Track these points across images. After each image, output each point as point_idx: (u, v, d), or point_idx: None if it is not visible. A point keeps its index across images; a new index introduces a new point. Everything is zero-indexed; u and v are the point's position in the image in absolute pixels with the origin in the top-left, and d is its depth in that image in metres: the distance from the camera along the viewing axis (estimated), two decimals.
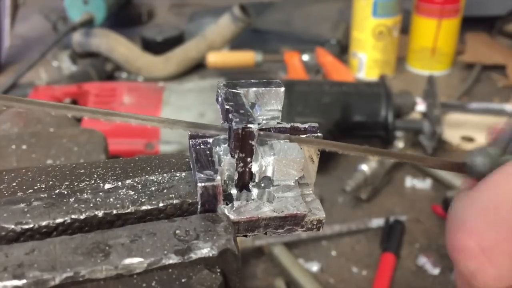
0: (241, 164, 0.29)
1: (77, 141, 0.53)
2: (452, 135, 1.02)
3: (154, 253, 0.26)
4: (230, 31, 1.30)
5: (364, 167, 0.87)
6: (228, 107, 0.29)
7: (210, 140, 0.31)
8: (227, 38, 1.31)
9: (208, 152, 0.30)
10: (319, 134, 0.32)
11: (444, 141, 1.00)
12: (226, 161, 0.29)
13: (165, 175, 0.31)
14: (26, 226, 0.27)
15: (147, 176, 0.31)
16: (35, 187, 0.30)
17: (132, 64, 1.26)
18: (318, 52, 1.27)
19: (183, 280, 0.26)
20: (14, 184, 0.30)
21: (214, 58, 1.27)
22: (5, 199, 0.28)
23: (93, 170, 0.32)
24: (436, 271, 0.74)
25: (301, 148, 0.30)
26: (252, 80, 0.32)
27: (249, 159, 0.29)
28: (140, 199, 0.29)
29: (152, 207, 0.29)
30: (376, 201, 0.88)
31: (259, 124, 0.29)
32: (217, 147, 0.31)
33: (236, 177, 0.30)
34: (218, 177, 0.28)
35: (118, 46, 1.27)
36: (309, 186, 0.32)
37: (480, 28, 1.45)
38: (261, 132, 0.30)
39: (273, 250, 0.75)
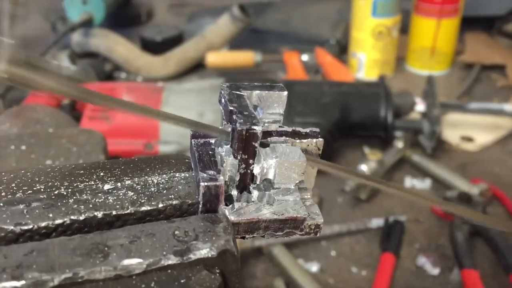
0: (243, 166, 0.29)
1: (76, 142, 0.53)
2: (451, 135, 1.02)
3: (153, 254, 0.26)
4: (229, 31, 1.30)
5: (364, 167, 0.87)
6: (232, 108, 0.29)
7: (213, 141, 0.31)
8: (226, 38, 1.31)
9: (210, 152, 0.30)
10: (320, 139, 0.32)
11: (443, 141, 1.00)
12: (229, 162, 0.29)
13: (164, 175, 0.31)
14: (25, 227, 0.27)
15: (146, 177, 0.31)
16: (34, 188, 0.30)
17: (131, 64, 1.26)
18: (317, 52, 1.27)
19: (182, 281, 0.25)
20: (13, 185, 0.30)
21: (214, 58, 1.27)
22: (4, 200, 0.28)
23: (93, 170, 0.32)
24: (435, 271, 0.74)
25: (303, 152, 0.30)
26: (256, 83, 0.32)
27: (251, 160, 0.29)
28: (140, 200, 0.29)
29: (151, 208, 0.29)
30: (376, 201, 0.88)
31: (262, 126, 0.29)
32: (219, 148, 0.31)
33: (237, 178, 0.30)
34: (221, 177, 0.28)
35: (117, 46, 1.27)
36: (308, 191, 0.32)
37: (479, 28, 1.45)
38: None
39: (272, 250, 0.75)
